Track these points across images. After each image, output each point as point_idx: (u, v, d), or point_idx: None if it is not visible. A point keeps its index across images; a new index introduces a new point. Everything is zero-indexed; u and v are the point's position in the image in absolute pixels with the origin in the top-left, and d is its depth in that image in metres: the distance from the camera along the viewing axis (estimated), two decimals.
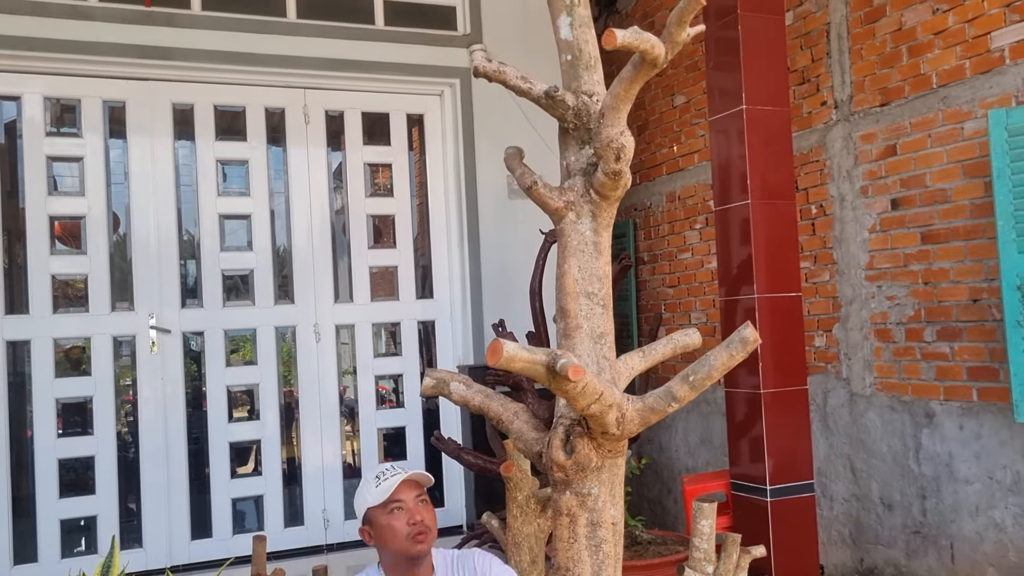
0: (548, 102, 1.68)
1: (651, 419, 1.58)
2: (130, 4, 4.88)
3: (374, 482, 2.34)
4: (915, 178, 4.16)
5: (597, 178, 1.66)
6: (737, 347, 1.63)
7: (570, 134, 1.76)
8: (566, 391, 1.40)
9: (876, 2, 4.32)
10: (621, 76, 1.57)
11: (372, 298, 5.55)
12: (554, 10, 1.78)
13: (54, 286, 4.84)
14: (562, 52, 1.76)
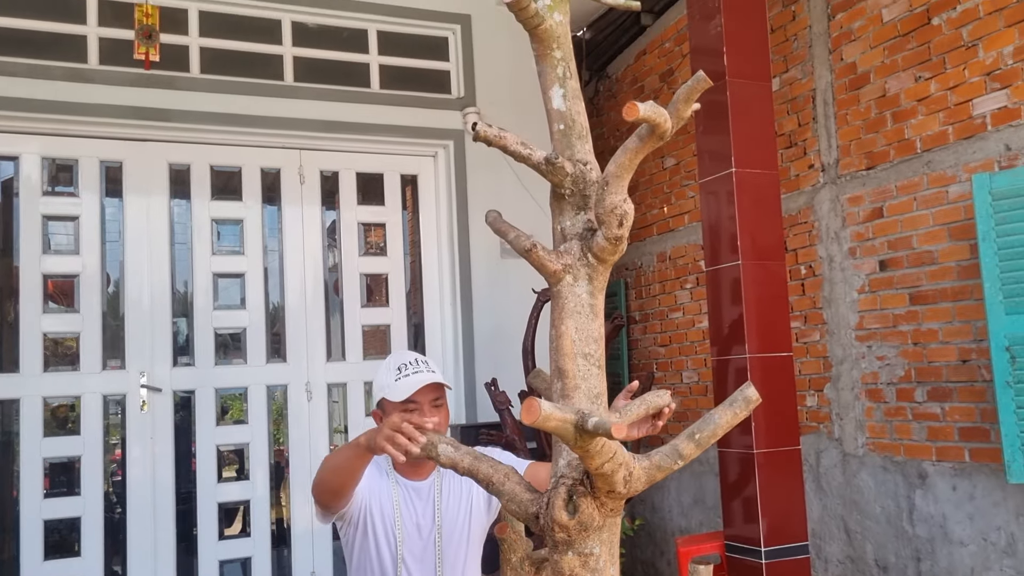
0: (548, 168, 1.71)
1: (657, 477, 1.58)
2: (130, 67, 4.97)
3: (394, 373, 2.36)
4: (902, 240, 4.23)
5: (597, 243, 1.68)
6: (740, 405, 1.65)
7: (566, 199, 1.78)
8: (588, 450, 1.41)
9: (860, 69, 4.44)
10: (626, 146, 1.61)
11: (364, 356, 5.54)
12: (546, 81, 1.82)
13: (45, 344, 4.83)
14: (554, 121, 1.79)
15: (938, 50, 4.02)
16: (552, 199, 1.80)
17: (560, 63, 1.78)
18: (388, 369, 2.40)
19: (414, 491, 2.46)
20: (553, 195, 1.80)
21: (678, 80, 5.88)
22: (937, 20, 4.01)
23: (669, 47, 6.03)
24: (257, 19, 5.35)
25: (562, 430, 1.36)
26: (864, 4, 4.39)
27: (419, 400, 2.33)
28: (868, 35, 4.38)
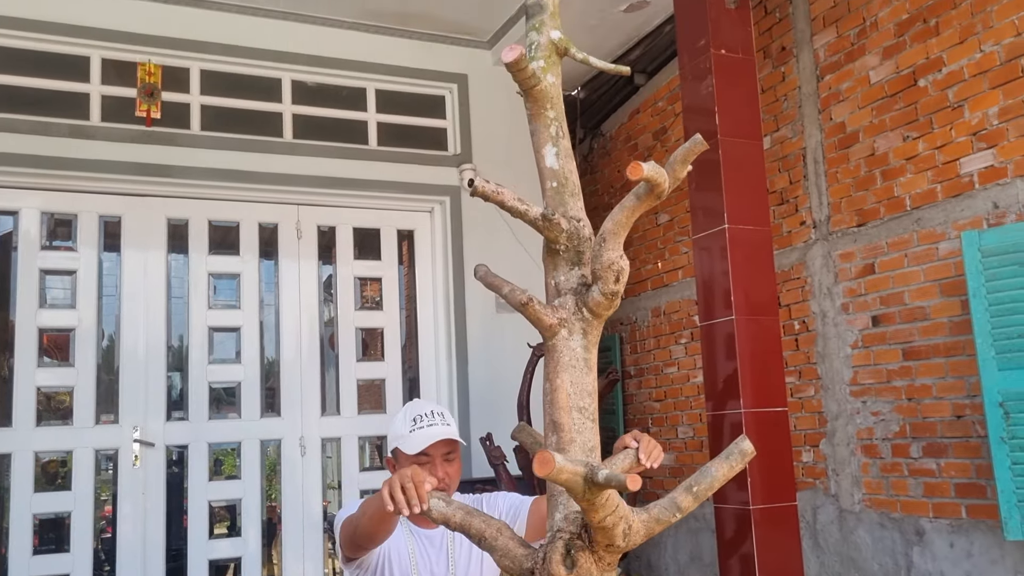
0: (544, 224, 1.75)
1: (655, 530, 1.59)
2: (131, 124, 5.04)
3: (410, 424, 2.35)
4: (894, 296, 4.27)
5: (593, 298, 1.72)
6: (736, 458, 1.68)
7: (560, 255, 1.82)
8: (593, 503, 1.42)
9: (849, 129, 4.53)
10: (624, 204, 1.65)
11: (359, 411, 5.53)
12: (539, 140, 1.87)
13: (39, 399, 4.81)
14: (547, 179, 1.83)
15: (925, 111, 4.11)
16: (546, 254, 1.84)
17: (553, 123, 1.83)
18: (404, 419, 2.41)
19: (427, 539, 2.45)
20: (547, 250, 1.83)
21: (671, 138, 5.98)
22: (923, 82, 4.11)
23: (662, 106, 6.14)
24: (258, 78, 5.45)
25: (572, 483, 1.37)
26: (852, 66, 4.50)
27: (432, 453, 2.34)
28: (856, 96, 4.48)
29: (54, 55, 4.98)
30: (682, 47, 4.54)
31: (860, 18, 4.45)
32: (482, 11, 5.61)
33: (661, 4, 5.33)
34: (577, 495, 1.42)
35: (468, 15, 5.60)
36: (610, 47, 6.02)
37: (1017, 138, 3.70)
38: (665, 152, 6.07)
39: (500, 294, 1.83)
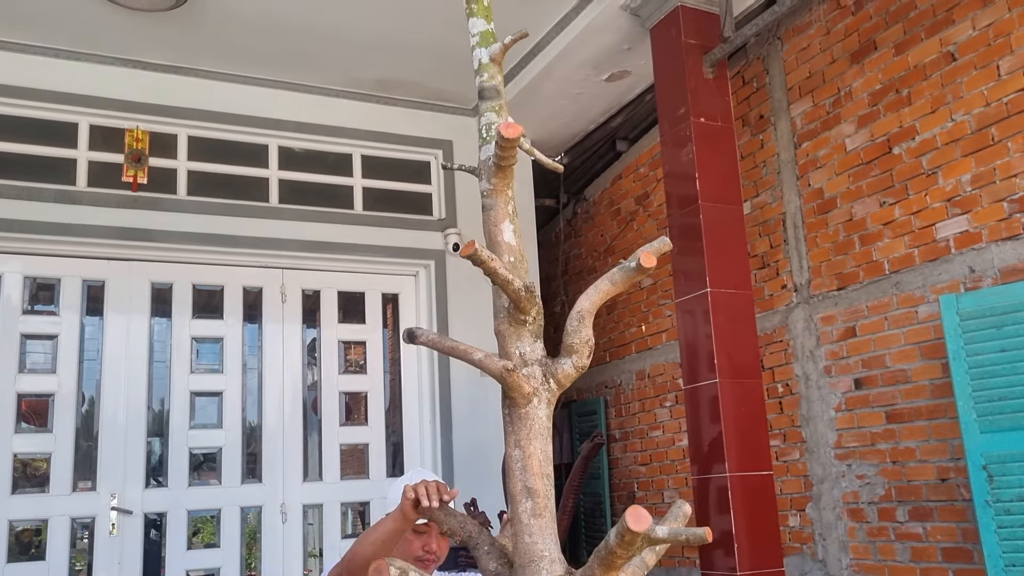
0: (526, 296, 1.79)
1: None
2: (118, 189, 5.07)
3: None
4: (876, 359, 4.30)
5: (563, 370, 1.80)
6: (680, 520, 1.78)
7: (526, 327, 1.89)
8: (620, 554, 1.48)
9: (827, 195, 4.61)
10: (599, 286, 1.75)
11: (342, 476, 5.47)
12: (498, 215, 1.93)
13: (15, 465, 4.73)
14: (504, 253, 1.91)
15: (900, 177, 4.20)
16: (509, 324, 1.88)
17: (511, 201, 1.92)
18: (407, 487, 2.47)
19: None
20: (512, 321, 1.87)
21: (653, 203, 6.07)
22: (898, 149, 4.21)
23: (644, 172, 6.25)
24: (245, 144, 5.51)
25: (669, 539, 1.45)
26: (828, 134, 4.61)
27: (431, 526, 2.47)
28: (833, 162, 4.58)
29: (43, 121, 5.02)
30: (662, 115, 4.65)
31: (835, 88, 4.58)
32: (465, 79, 5.70)
33: (642, 74, 5.46)
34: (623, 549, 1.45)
35: (452, 83, 5.71)
36: (592, 115, 6.14)
37: (990, 204, 3.79)
38: (648, 217, 6.15)
39: (468, 359, 1.85)
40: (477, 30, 2.10)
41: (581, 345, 1.78)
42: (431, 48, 5.12)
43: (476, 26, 2.10)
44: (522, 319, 1.83)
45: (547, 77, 5.49)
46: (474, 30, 2.10)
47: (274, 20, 4.89)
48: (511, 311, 1.83)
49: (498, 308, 1.87)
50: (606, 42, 5.11)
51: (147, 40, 5.04)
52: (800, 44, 4.81)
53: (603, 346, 6.71)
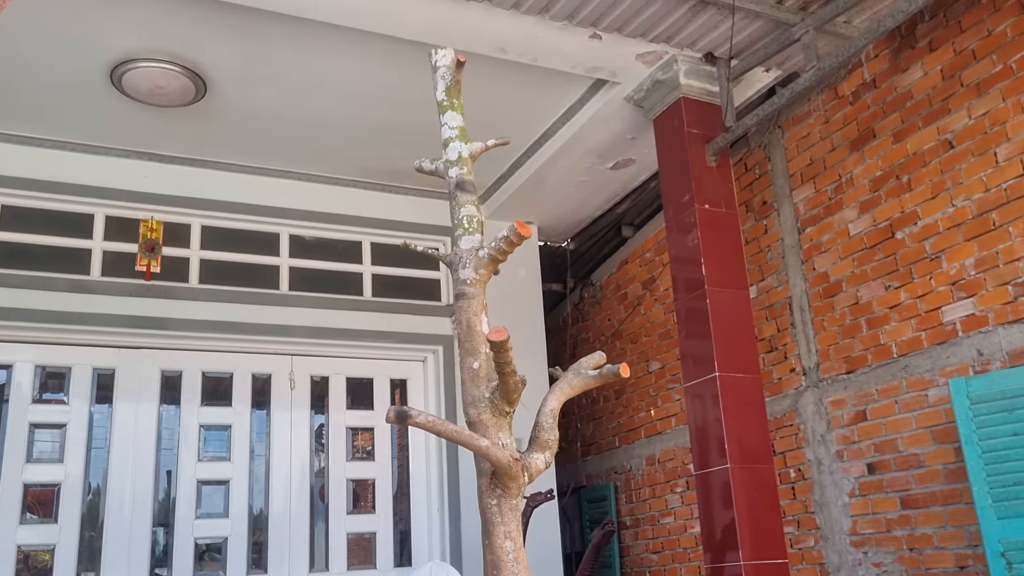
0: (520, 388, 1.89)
1: None
2: (131, 278, 5.14)
3: None
4: (888, 443, 4.27)
5: (536, 465, 1.89)
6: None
7: (506, 418, 1.97)
8: None
9: (832, 278, 4.65)
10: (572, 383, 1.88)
11: (348, 566, 5.37)
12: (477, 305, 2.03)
13: (18, 558, 4.67)
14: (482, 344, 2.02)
15: (904, 261, 4.24)
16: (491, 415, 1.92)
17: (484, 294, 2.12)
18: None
19: None
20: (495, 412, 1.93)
21: (660, 287, 6.11)
22: (900, 234, 4.27)
23: (650, 257, 6.31)
24: (256, 232, 5.60)
25: None
26: (831, 219, 4.68)
27: None
28: (837, 247, 4.63)
29: (60, 213, 5.13)
30: (667, 202, 4.73)
31: (836, 175, 4.66)
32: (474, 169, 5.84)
33: (646, 161, 5.57)
34: None
35: None
36: (598, 202, 6.24)
37: (995, 287, 3.81)
38: (654, 301, 6.19)
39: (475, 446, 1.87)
40: (455, 124, 2.22)
41: (554, 442, 1.89)
42: (439, 139, 5.24)
43: (454, 120, 2.22)
44: (506, 411, 1.88)
45: (553, 166, 5.60)
46: (452, 123, 2.22)
47: (286, 114, 5.04)
48: (496, 401, 1.88)
49: (476, 398, 1.92)
50: (611, 132, 5.23)
51: (163, 134, 5.18)
52: (800, 132, 4.92)
53: (612, 431, 6.67)
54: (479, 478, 1.89)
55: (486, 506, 1.84)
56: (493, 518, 1.84)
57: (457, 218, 2.13)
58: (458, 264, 2.06)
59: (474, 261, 2.06)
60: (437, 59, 2.31)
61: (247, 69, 4.61)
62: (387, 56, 4.45)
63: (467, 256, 2.08)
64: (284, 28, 4.23)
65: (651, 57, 4.54)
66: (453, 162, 2.23)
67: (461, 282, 2.05)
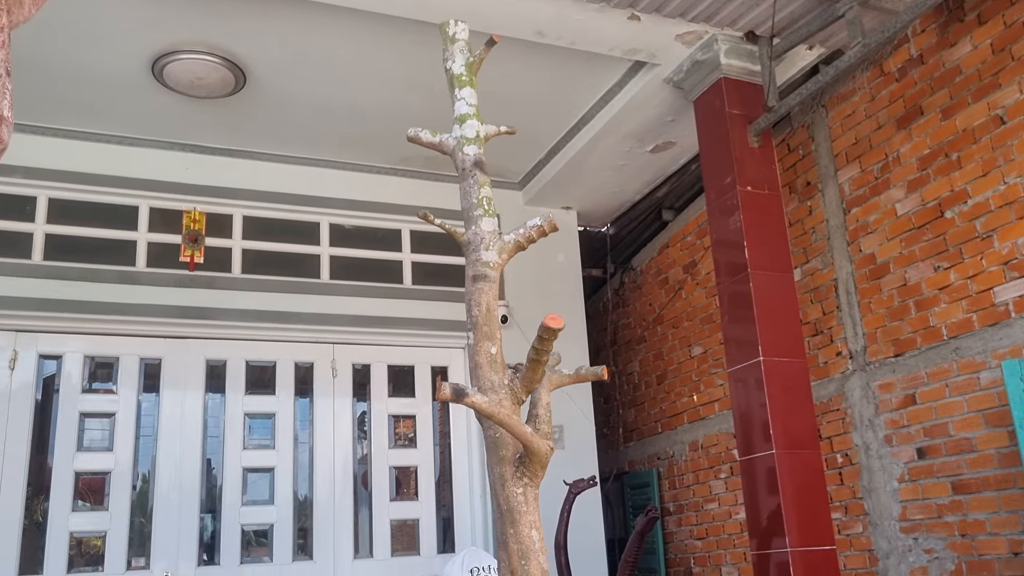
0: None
1: None
2: (175, 269, 5.21)
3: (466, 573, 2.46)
4: (938, 427, 4.17)
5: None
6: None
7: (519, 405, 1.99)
8: None
9: (879, 260, 4.56)
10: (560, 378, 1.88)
11: (392, 552, 5.41)
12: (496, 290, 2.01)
13: (71, 544, 4.77)
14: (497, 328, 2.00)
15: (954, 241, 4.14)
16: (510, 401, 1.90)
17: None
18: (462, 566, 2.55)
19: None
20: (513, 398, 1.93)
21: (701, 271, 6.04)
22: (950, 213, 4.16)
23: (691, 240, 6.24)
24: (297, 222, 5.64)
25: None
26: (878, 199, 4.57)
27: None
28: (884, 227, 4.53)
29: (105, 205, 5.21)
30: (709, 185, 4.66)
31: (882, 154, 4.56)
32: (511, 154, 5.83)
33: (686, 144, 5.50)
34: None
35: (498, 158, 5.81)
36: (637, 185, 6.18)
37: None
38: (696, 285, 6.12)
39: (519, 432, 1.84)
40: (473, 101, 2.15)
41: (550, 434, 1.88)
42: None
43: (472, 97, 2.15)
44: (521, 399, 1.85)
45: (592, 150, 5.56)
46: (471, 100, 2.15)
47: (325, 103, 5.05)
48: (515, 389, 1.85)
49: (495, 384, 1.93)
50: (650, 115, 5.17)
51: (204, 125, 5.23)
52: (845, 111, 4.82)
53: (655, 416, 6.62)
54: (500, 467, 1.85)
55: (511, 495, 1.80)
56: (519, 507, 1.80)
57: (476, 198, 2.07)
58: (480, 245, 2.01)
59: (499, 244, 2.02)
60: (455, 31, 2.25)
61: (285, 59, 4.63)
62: (426, 42, 4.43)
63: (490, 238, 2.02)
64: (321, 17, 4.23)
65: (691, 37, 4.46)
66: (470, 139, 2.15)
67: (483, 264, 2.00)
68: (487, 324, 1.96)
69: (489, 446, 1.88)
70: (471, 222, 2.04)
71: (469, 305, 2.00)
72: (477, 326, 1.96)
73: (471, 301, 2.00)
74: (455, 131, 2.17)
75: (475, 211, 2.04)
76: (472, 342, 1.99)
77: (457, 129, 2.17)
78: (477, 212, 2.04)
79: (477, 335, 1.96)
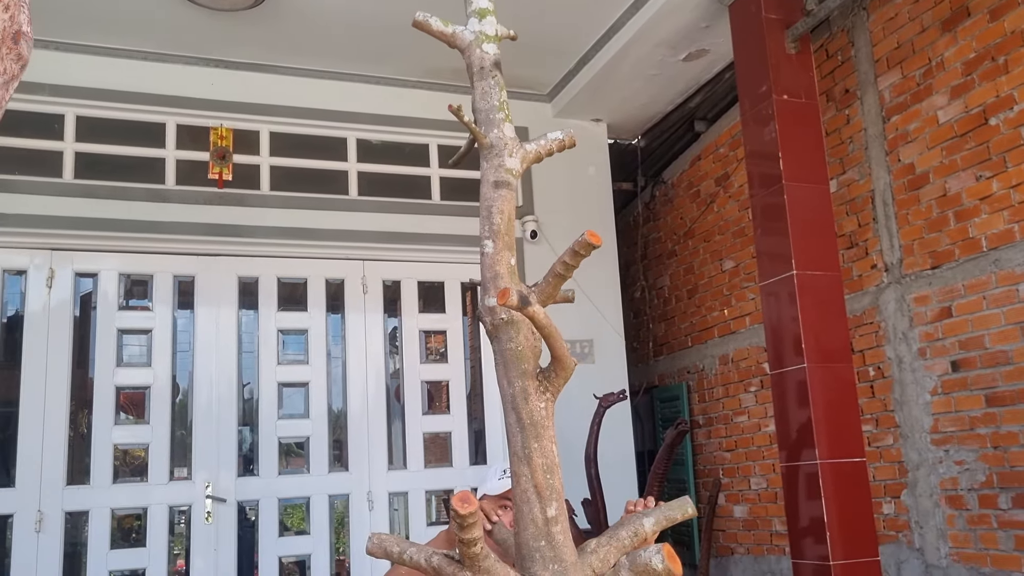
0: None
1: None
2: (204, 187, 5.21)
3: (500, 474, 2.66)
4: (974, 340, 4.12)
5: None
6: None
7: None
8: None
9: (919, 170, 4.43)
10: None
11: (426, 464, 5.52)
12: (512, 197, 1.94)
13: (115, 456, 4.92)
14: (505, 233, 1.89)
15: (997, 149, 4.00)
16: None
17: None
18: (494, 471, 2.76)
19: None
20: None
21: (734, 184, 5.93)
22: (995, 120, 4.01)
23: (724, 152, 6.11)
24: (324, 138, 5.59)
25: None
26: (919, 107, 4.42)
27: (511, 499, 2.53)
28: (924, 136, 4.39)
29: (132, 123, 5.19)
30: (743, 93, 4.53)
31: (925, 58, 4.38)
32: (540, 65, 5.69)
33: (720, 51, 5.33)
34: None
35: (527, 69, 5.68)
36: (670, 96, 6.03)
37: None
38: (728, 198, 6.02)
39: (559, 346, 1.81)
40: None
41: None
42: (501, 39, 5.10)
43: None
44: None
45: (622, 59, 5.41)
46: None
47: (349, 14, 4.94)
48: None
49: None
50: (683, 21, 5.00)
51: (228, 39, 5.15)
52: (887, 14, 4.62)
53: (685, 330, 6.61)
54: (522, 380, 1.81)
55: (535, 409, 1.78)
56: (543, 421, 1.78)
57: (498, 100, 1.96)
58: (503, 151, 1.92)
59: (521, 153, 1.95)
60: None
61: None
62: None
63: (513, 145, 1.94)
64: None
65: None
66: (490, 37, 2.02)
67: (506, 171, 1.92)
68: (507, 233, 1.90)
69: (509, 359, 1.83)
70: (492, 125, 1.93)
71: (490, 213, 1.90)
72: (499, 234, 1.88)
73: (492, 208, 1.91)
74: (471, 24, 2.02)
75: (496, 114, 1.94)
76: (492, 251, 1.89)
77: (475, 23, 2.03)
78: (499, 115, 1.94)
79: (498, 244, 1.87)
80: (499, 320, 1.84)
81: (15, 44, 1.97)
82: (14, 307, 5.01)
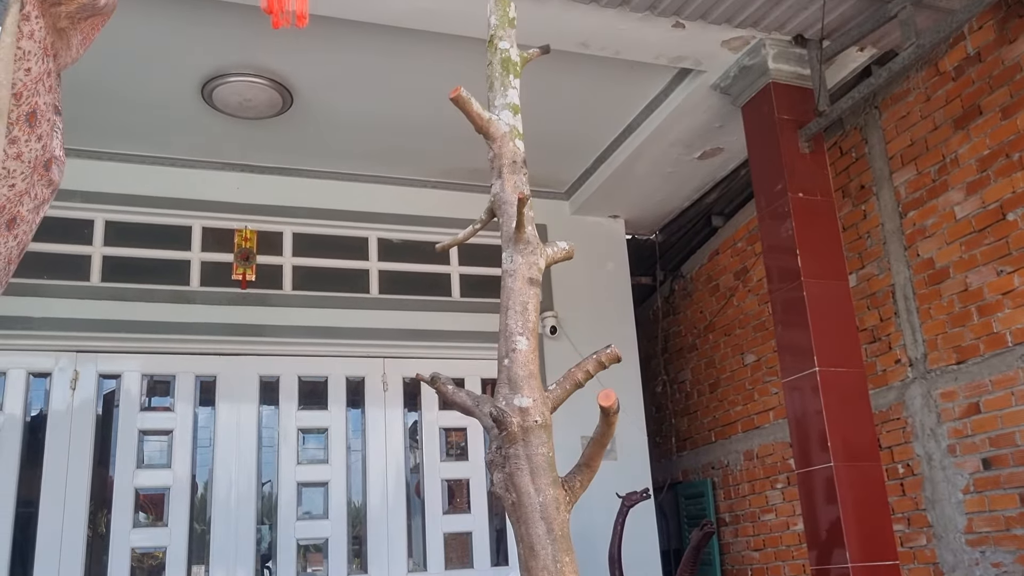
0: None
1: None
2: (228, 287, 5.29)
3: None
4: (1004, 437, 4.04)
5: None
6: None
7: None
8: None
9: (938, 264, 4.43)
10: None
11: (446, 566, 5.41)
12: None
13: (133, 559, 4.86)
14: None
15: (1017, 244, 4.00)
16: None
17: None
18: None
19: None
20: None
21: (752, 278, 5.94)
22: (1012, 215, 4.03)
23: (742, 246, 6.14)
24: (346, 238, 5.69)
25: None
26: (935, 202, 4.45)
27: None
28: (943, 231, 4.41)
29: (159, 226, 5.31)
30: (759, 191, 4.58)
31: (939, 155, 4.43)
32: (558, 165, 5.80)
33: (735, 149, 5.42)
34: None
35: (545, 168, 5.78)
36: (686, 192, 6.11)
37: None
38: (748, 292, 6.02)
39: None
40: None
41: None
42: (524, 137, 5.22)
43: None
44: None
45: (639, 158, 5.50)
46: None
47: (370, 119, 5.09)
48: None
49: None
50: (697, 121, 5.10)
51: (253, 145, 5.31)
52: (899, 112, 4.70)
53: (708, 425, 6.53)
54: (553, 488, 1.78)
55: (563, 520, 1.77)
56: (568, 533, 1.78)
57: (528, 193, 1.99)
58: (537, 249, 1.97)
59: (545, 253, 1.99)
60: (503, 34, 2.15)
61: (330, 77, 4.67)
62: (467, 56, 4.43)
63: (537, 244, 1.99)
64: (364, 34, 4.26)
65: (737, 43, 4.40)
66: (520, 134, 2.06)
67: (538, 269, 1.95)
68: (535, 330, 1.93)
69: (539, 465, 1.79)
70: (527, 222, 1.97)
71: (525, 309, 1.90)
72: (533, 332, 1.89)
73: (529, 306, 1.91)
74: (505, 117, 2.04)
75: (528, 212, 1.97)
76: (526, 348, 1.89)
77: (509, 116, 2.05)
78: (530, 213, 1.97)
79: (532, 342, 1.88)
80: (531, 423, 1.82)
81: (46, 171, 2.05)
82: (38, 407, 5.04)
